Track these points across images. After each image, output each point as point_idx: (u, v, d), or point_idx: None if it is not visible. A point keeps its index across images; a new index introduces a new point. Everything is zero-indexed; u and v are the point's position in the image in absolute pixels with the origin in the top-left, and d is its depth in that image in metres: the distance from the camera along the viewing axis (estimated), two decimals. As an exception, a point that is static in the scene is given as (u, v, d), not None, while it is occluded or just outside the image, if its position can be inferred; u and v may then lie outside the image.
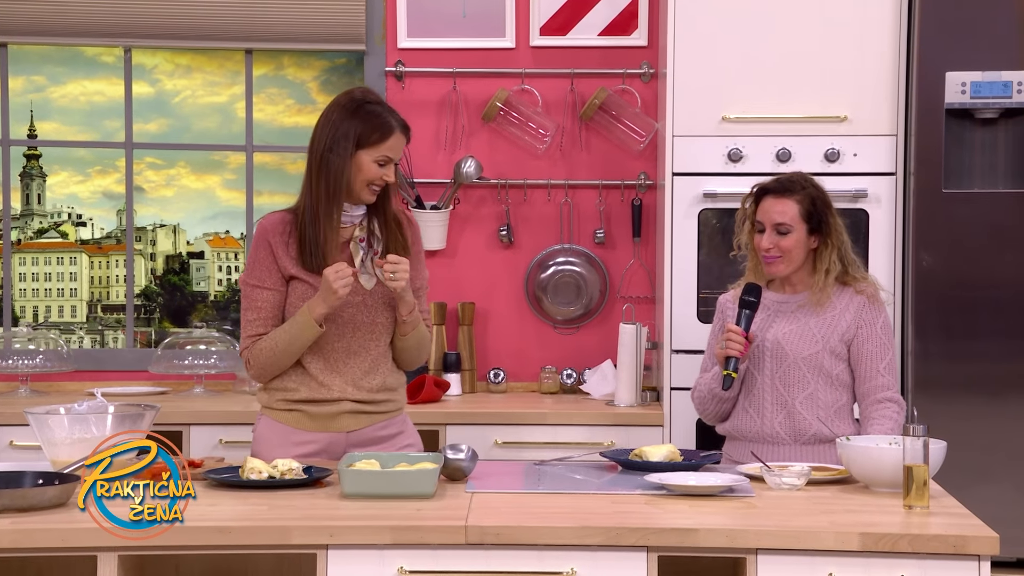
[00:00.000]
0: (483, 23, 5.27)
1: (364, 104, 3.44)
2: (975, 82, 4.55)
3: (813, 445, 3.67)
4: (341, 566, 2.81)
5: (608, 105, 5.20)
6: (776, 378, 3.70)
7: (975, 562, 2.76)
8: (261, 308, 3.46)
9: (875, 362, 3.68)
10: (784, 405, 3.69)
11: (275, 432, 3.53)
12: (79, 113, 5.55)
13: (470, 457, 3.27)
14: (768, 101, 4.66)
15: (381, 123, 3.43)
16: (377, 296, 3.50)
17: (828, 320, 3.70)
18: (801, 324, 3.70)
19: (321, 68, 5.53)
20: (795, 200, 3.71)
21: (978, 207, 4.58)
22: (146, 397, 4.95)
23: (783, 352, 3.69)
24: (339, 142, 3.41)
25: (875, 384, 3.67)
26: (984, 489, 4.42)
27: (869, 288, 3.74)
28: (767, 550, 2.79)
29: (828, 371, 3.69)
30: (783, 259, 3.71)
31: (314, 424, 3.51)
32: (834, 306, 3.72)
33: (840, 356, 3.70)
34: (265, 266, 3.46)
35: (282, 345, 3.43)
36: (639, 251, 5.26)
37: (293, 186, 5.53)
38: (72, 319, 5.63)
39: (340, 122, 3.43)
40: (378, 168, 3.43)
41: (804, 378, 3.68)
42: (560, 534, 2.81)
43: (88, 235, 5.65)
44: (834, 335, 3.69)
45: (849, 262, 3.75)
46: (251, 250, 3.51)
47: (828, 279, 3.71)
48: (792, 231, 3.70)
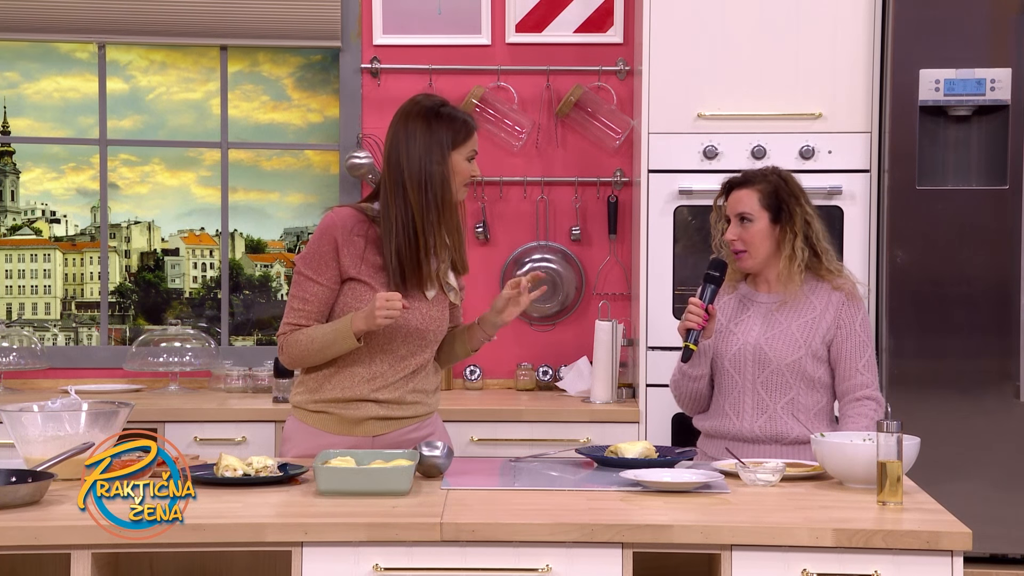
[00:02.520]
0: (459, 20, 5.27)
1: (439, 108, 3.44)
2: (949, 80, 4.57)
3: (792, 446, 3.68)
4: (316, 563, 2.81)
5: (584, 102, 5.21)
6: (758, 383, 3.70)
7: (948, 558, 2.78)
8: (309, 300, 3.41)
9: (854, 360, 3.68)
10: (765, 409, 3.70)
11: (301, 433, 3.52)
12: (53, 109, 5.53)
13: (446, 454, 3.27)
14: (743, 98, 4.68)
15: (463, 121, 3.44)
16: (438, 305, 3.49)
17: (809, 323, 3.69)
18: (783, 328, 3.70)
19: (296, 64, 5.52)
20: (756, 189, 3.71)
21: (952, 204, 4.60)
22: (120, 395, 4.94)
23: (766, 358, 3.68)
24: (433, 150, 3.39)
25: (855, 383, 3.68)
26: (957, 485, 4.45)
27: (847, 284, 3.74)
28: (741, 546, 2.80)
29: (810, 375, 3.69)
30: (748, 253, 3.71)
31: (340, 427, 3.49)
32: (814, 306, 3.71)
33: (821, 359, 3.70)
34: (325, 261, 3.40)
35: (317, 345, 3.40)
36: (615, 248, 5.26)
37: (268, 183, 5.54)
38: (46, 316, 5.61)
39: (424, 131, 3.40)
40: (468, 164, 3.44)
41: (786, 383, 3.68)
42: (535, 531, 2.81)
43: (62, 232, 5.63)
44: (816, 338, 3.68)
45: (822, 251, 3.74)
46: (314, 240, 3.44)
47: (793, 266, 3.69)
48: (754, 220, 3.69)
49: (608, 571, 2.81)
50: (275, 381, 4.83)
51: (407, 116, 3.45)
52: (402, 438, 3.51)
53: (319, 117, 5.51)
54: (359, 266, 3.41)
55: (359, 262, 3.41)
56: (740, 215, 3.71)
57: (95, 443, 3.15)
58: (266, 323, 5.59)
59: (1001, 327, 4.58)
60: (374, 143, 5.26)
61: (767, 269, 3.75)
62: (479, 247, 5.29)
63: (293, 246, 5.60)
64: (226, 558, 3.16)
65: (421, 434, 3.53)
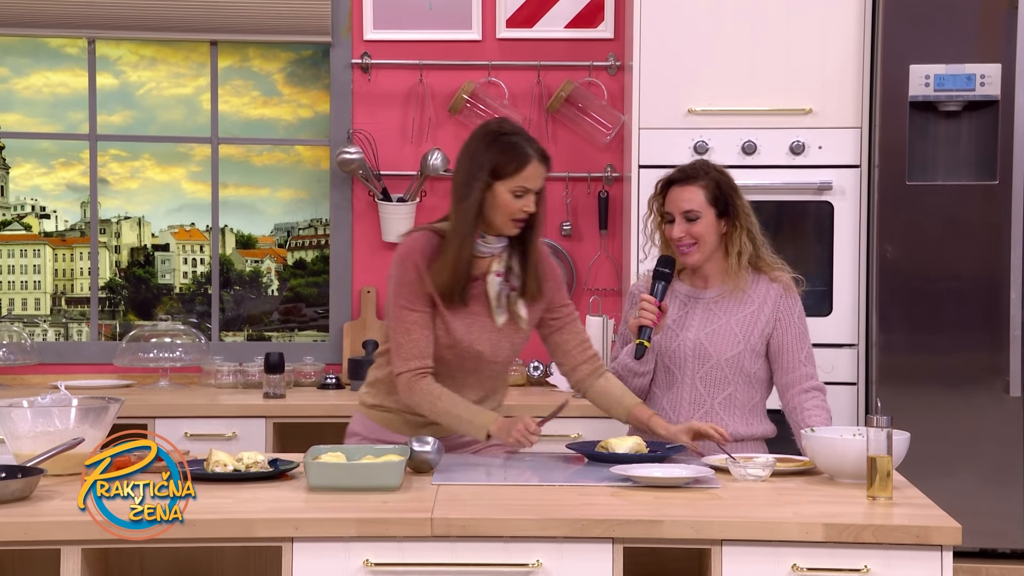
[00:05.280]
0: (449, 15, 5.27)
1: (500, 135, 3.39)
2: (939, 75, 4.57)
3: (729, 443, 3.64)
4: (306, 559, 2.81)
5: (574, 97, 5.21)
6: (697, 378, 3.70)
7: (938, 552, 2.78)
8: (411, 331, 3.39)
9: (796, 352, 3.67)
10: (702, 405, 3.69)
11: (366, 428, 3.57)
12: (43, 105, 5.51)
13: (436, 449, 3.27)
14: (734, 94, 4.68)
15: (517, 153, 3.36)
16: (507, 333, 3.50)
17: (748, 317, 3.68)
18: (721, 323, 3.69)
19: (287, 60, 5.51)
20: (700, 186, 3.70)
21: (942, 199, 4.61)
22: (110, 390, 4.93)
23: (706, 353, 3.68)
24: (476, 173, 3.36)
25: (799, 374, 3.67)
26: (947, 480, 4.46)
27: (784, 276, 3.72)
28: (732, 541, 2.80)
29: (748, 371, 3.68)
30: (697, 246, 3.70)
31: (405, 428, 3.52)
32: (751, 300, 3.70)
33: (759, 353, 3.69)
34: (414, 288, 3.39)
35: (441, 415, 3.41)
36: (606, 243, 5.27)
37: (258, 178, 5.54)
38: (36, 312, 5.59)
39: (477, 153, 3.38)
40: (515, 199, 3.36)
41: (725, 379, 3.68)
42: (526, 526, 2.82)
43: (52, 227, 5.62)
44: (755, 333, 3.67)
45: (760, 243, 3.73)
46: (397, 271, 3.42)
47: (742, 261, 3.69)
48: (701, 217, 3.69)
49: (599, 566, 2.81)
50: (265, 376, 4.82)
51: (473, 136, 3.45)
52: (461, 439, 3.54)
53: (309, 112, 5.50)
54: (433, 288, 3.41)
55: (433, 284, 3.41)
56: (686, 213, 3.69)
57: (84, 438, 3.15)
58: (256, 318, 5.59)
59: (991, 322, 4.59)
60: (364, 138, 5.26)
61: (708, 263, 3.74)
62: (470, 242, 5.28)
63: (284, 241, 5.60)
64: (216, 553, 3.16)
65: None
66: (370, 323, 5.25)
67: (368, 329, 5.23)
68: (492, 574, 2.82)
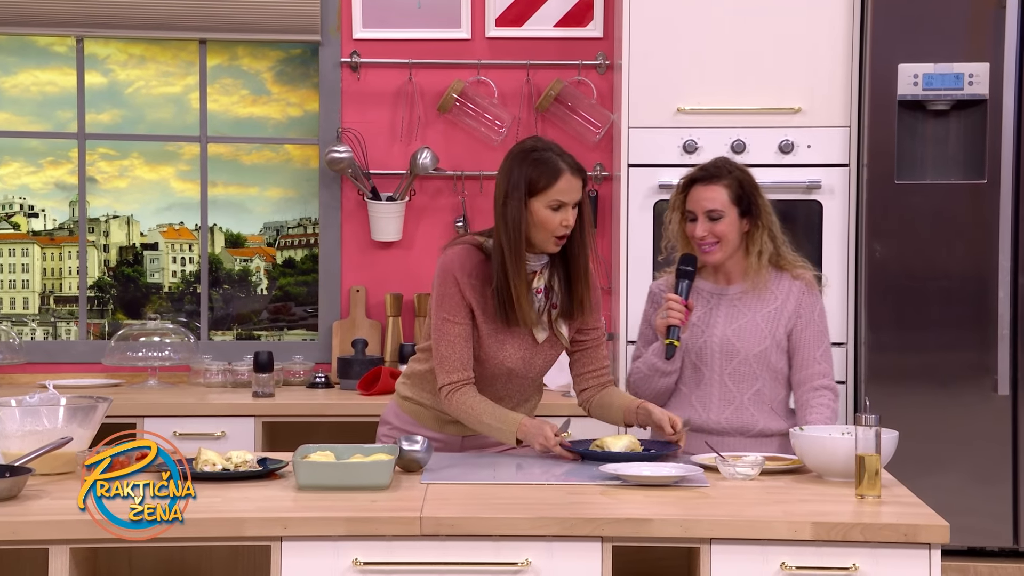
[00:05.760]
0: (438, 14, 5.27)
1: (532, 151, 3.41)
2: (927, 74, 4.58)
3: (757, 439, 3.67)
4: (295, 558, 2.80)
5: (564, 96, 5.21)
6: (726, 375, 3.70)
7: (926, 551, 2.79)
8: (454, 343, 3.42)
9: (812, 350, 3.68)
10: (732, 401, 3.70)
11: (399, 419, 3.62)
12: (31, 103, 5.50)
13: (425, 448, 3.27)
14: (723, 93, 4.68)
15: (548, 168, 3.36)
16: (544, 349, 3.52)
17: (772, 312, 3.70)
18: (748, 319, 3.70)
19: (276, 59, 5.51)
20: (723, 185, 3.71)
21: (930, 198, 4.62)
22: (99, 389, 4.92)
23: (733, 349, 3.68)
24: (513, 191, 3.38)
25: (812, 372, 3.67)
26: (935, 478, 4.47)
27: (806, 274, 3.74)
28: (720, 540, 2.81)
29: (774, 366, 3.69)
30: (719, 245, 3.71)
31: (434, 423, 3.57)
32: (775, 296, 3.71)
33: (784, 349, 3.70)
34: (455, 301, 3.42)
35: (475, 424, 3.46)
36: (595, 242, 5.26)
37: (247, 177, 5.53)
38: (24, 311, 5.58)
39: (511, 171, 3.40)
40: (552, 213, 3.37)
41: (753, 374, 3.69)
42: (515, 525, 2.82)
43: (40, 226, 5.60)
44: (779, 328, 3.69)
45: (780, 242, 3.75)
46: (438, 283, 3.45)
47: (762, 260, 3.71)
48: (724, 216, 3.70)
49: (588, 565, 2.81)
50: (254, 376, 4.82)
51: (508, 155, 3.47)
52: (487, 440, 3.56)
53: (299, 111, 5.50)
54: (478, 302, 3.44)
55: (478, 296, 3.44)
56: (709, 212, 3.70)
57: (72, 438, 3.15)
58: (245, 317, 5.58)
59: (979, 321, 4.60)
60: (354, 137, 5.25)
61: (730, 261, 3.75)
62: (459, 241, 5.28)
63: (272, 240, 5.59)
64: (205, 552, 3.16)
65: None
66: (359, 322, 5.24)
67: (357, 328, 5.23)
68: (481, 573, 2.82)
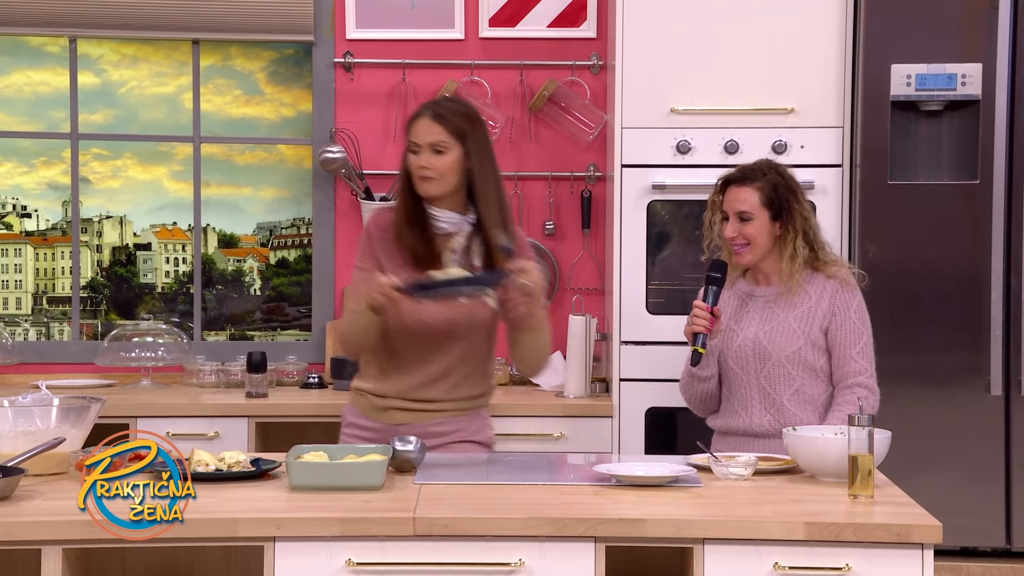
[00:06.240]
0: (432, 14, 5.26)
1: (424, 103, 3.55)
2: (920, 74, 4.59)
3: None
4: (289, 558, 2.80)
5: (557, 97, 5.21)
6: (762, 377, 3.71)
7: (919, 551, 2.79)
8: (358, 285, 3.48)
9: (848, 348, 3.68)
10: (772, 403, 3.70)
11: (349, 412, 3.67)
12: (24, 103, 5.49)
13: (419, 449, 3.27)
14: (716, 93, 4.68)
15: (413, 115, 3.49)
16: (466, 307, 3.48)
17: (805, 312, 3.70)
18: (780, 320, 3.70)
19: (269, 59, 5.50)
20: (755, 188, 3.72)
21: (923, 198, 4.62)
22: (92, 390, 4.91)
23: (766, 352, 3.69)
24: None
25: (848, 370, 3.68)
26: (928, 478, 4.47)
27: (841, 272, 3.74)
28: (713, 540, 2.81)
29: (812, 364, 3.69)
30: (749, 247, 3.72)
31: (371, 412, 3.59)
32: (808, 296, 3.72)
33: (821, 347, 3.70)
34: (365, 252, 3.55)
35: (349, 321, 3.52)
36: (588, 243, 5.27)
37: (241, 177, 5.52)
38: (17, 311, 5.58)
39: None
40: (412, 156, 3.46)
41: (789, 375, 3.69)
42: (508, 525, 2.82)
43: (33, 226, 5.60)
44: (814, 327, 3.69)
45: (819, 246, 3.75)
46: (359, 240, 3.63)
47: (795, 265, 3.71)
48: (754, 218, 3.70)
49: (581, 565, 2.81)
50: (248, 376, 4.81)
51: None
52: (425, 430, 3.50)
53: (292, 111, 5.49)
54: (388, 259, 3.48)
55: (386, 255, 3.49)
56: (739, 213, 3.71)
57: (65, 438, 3.14)
58: (239, 318, 5.58)
59: (972, 321, 4.60)
60: (347, 137, 5.25)
61: (764, 263, 3.76)
62: (452, 242, 5.28)
63: (266, 240, 5.59)
64: (198, 553, 3.16)
65: (448, 428, 3.56)
66: (353, 322, 5.24)
67: (351, 328, 5.22)
68: (475, 573, 2.82)
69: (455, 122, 3.45)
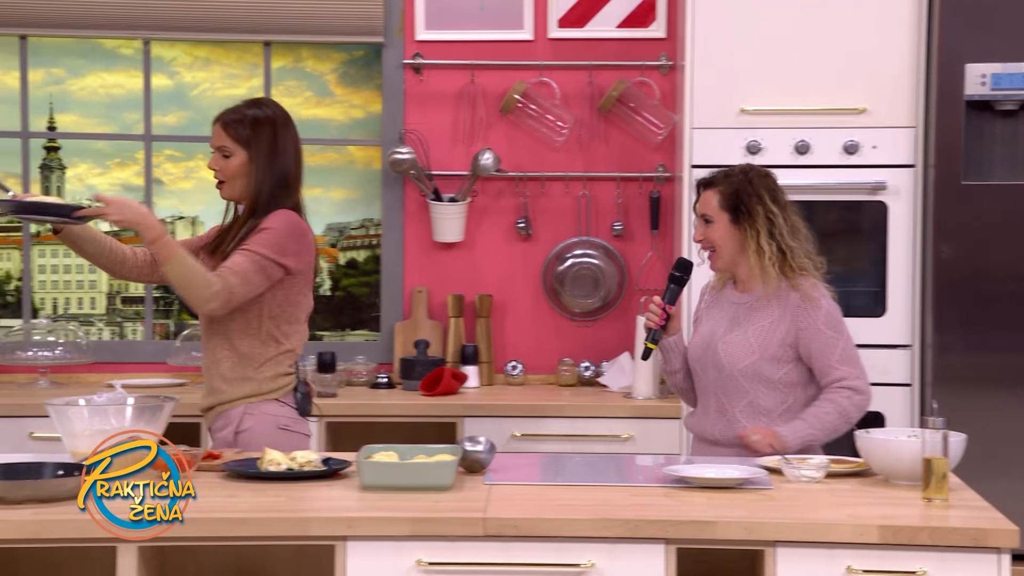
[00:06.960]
0: (501, 15, 5.27)
1: None
2: (995, 74, 4.53)
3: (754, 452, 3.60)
4: (359, 558, 2.82)
5: (626, 97, 5.20)
6: (717, 387, 3.70)
7: (995, 555, 2.76)
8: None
9: (827, 359, 3.62)
10: (724, 413, 3.69)
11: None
12: (98, 105, 5.56)
13: (488, 449, 3.27)
14: (786, 93, 4.65)
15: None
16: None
17: (766, 327, 3.64)
18: (739, 333, 3.67)
19: (339, 60, 5.53)
20: (716, 190, 3.72)
21: (998, 199, 4.57)
22: (165, 389, 4.96)
23: (720, 363, 3.67)
24: None
25: (831, 379, 3.62)
26: (1004, 482, 4.40)
27: (803, 284, 3.65)
28: (785, 543, 2.79)
29: (768, 377, 3.65)
30: (716, 252, 3.72)
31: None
32: (774, 309, 3.67)
33: (782, 359, 3.64)
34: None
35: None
36: (657, 243, 5.25)
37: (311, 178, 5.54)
38: (91, 311, 5.65)
39: None
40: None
41: (742, 388, 3.66)
42: (578, 526, 2.81)
43: (107, 227, 5.66)
44: (772, 342, 3.64)
45: (785, 248, 3.67)
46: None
47: (764, 261, 3.64)
48: (713, 221, 3.70)
49: (652, 567, 2.81)
50: (317, 376, 4.85)
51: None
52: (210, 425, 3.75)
53: (362, 113, 5.52)
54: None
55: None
56: (703, 216, 3.72)
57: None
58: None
59: (1048, 323, 4.54)
60: (416, 138, 5.27)
61: (738, 268, 3.74)
62: (520, 242, 5.29)
63: (336, 241, 5.62)
64: (270, 552, 3.18)
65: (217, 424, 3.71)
66: (421, 323, 5.26)
67: (419, 329, 5.24)
68: (545, 574, 2.81)
69: (239, 130, 3.75)
